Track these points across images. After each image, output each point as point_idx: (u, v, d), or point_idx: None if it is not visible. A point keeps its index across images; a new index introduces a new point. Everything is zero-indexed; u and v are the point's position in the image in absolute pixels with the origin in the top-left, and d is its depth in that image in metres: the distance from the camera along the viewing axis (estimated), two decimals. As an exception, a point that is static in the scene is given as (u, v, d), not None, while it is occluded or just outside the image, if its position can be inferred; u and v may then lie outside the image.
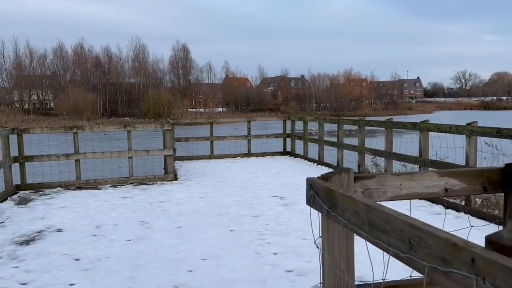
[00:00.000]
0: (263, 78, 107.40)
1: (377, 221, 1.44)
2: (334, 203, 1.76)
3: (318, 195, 1.91)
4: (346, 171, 1.97)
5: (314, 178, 2.05)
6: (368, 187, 2.07)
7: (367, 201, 1.51)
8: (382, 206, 1.46)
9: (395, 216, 1.35)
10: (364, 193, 2.07)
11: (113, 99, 72.20)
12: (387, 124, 7.99)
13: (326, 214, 1.82)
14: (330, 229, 1.92)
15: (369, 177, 2.09)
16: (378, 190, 2.09)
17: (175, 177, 9.43)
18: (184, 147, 13.65)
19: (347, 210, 1.64)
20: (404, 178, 2.11)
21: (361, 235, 1.55)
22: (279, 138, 13.78)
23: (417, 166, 7.30)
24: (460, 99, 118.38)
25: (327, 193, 1.82)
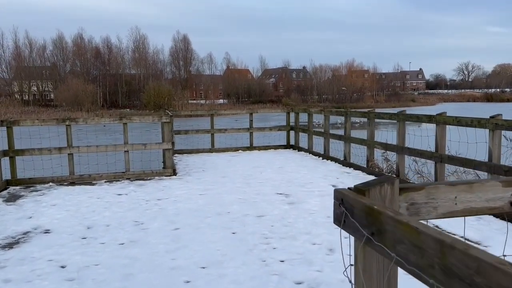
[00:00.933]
0: (264, 70, 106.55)
1: (458, 267, 0.96)
2: (380, 229, 1.28)
3: (353, 214, 1.42)
4: (390, 181, 1.49)
5: (344, 190, 1.56)
6: (415, 201, 1.59)
7: (439, 235, 1.03)
8: (467, 245, 0.96)
9: (495, 265, 0.86)
10: (410, 208, 1.58)
11: (113, 90, 71.64)
12: (400, 116, 7.49)
13: (366, 241, 1.33)
14: (368, 260, 1.44)
15: (416, 188, 1.60)
16: (427, 205, 1.61)
17: (173, 172, 8.96)
18: (184, 140, 13.17)
19: (402, 243, 1.16)
20: (460, 189, 1.62)
21: (426, 281, 1.07)
22: (282, 131, 13.28)
23: (433, 161, 6.81)
24: (463, 91, 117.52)
25: (368, 214, 1.34)
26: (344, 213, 1.46)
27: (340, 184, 7.69)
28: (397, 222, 1.19)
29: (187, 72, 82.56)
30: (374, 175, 8.30)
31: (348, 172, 8.96)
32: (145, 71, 74.98)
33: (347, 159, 9.62)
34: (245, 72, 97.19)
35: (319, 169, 9.33)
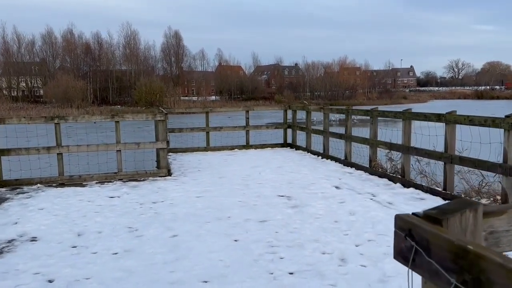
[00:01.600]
0: (256, 66, 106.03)
1: None
2: (480, 279, 0.93)
3: (431, 252, 1.08)
4: (472, 207, 1.14)
5: (410, 216, 1.21)
6: (495, 228, 1.26)
7: None
8: None
9: None
10: (488, 238, 1.25)
11: (104, 86, 70.66)
12: (406, 115, 7.18)
13: (454, 293, 0.98)
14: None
15: (497, 213, 1.26)
16: (509, 234, 1.26)
17: (168, 173, 8.57)
18: (178, 138, 12.76)
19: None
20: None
21: None
22: (279, 128, 12.93)
23: (441, 162, 6.51)
24: (453, 88, 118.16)
25: (458, 256, 0.99)
26: (414, 249, 1.12)
27: (344, 186, 7.38)
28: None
29: (178, 68, 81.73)
30: (377, 176, 8.00)
31: (350, 172, 8.65)
32: (136, 67, 74.02)
33: (348, 159, 9.31)
34: (237, 68, 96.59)
35: (319, 169, 9.01)
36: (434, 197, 6.39)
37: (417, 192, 6.76)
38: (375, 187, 7.28)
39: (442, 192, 6.34)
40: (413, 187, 6.95)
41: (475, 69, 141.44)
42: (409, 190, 6.92)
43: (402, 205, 6.09)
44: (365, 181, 7.79)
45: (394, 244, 1.24)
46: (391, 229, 4.56)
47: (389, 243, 4.54)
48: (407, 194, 6.71)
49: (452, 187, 6.38)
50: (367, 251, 4.35)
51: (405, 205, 6.09)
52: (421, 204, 6.09)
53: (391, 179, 7.58)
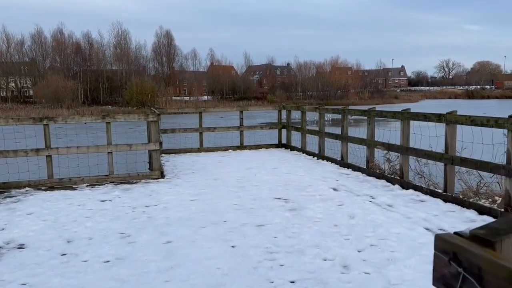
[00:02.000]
0: (248, 66, 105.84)
1: None
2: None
3: (483, 281, 0.91)
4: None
5: (453, 236, 1.04)
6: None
7: None
8: None
9: None
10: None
11: (95, 86, 69.99)
12: (404, 115, 7.05)
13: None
14: None
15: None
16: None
17: (161, 175, 8.36)
18: (171, 139, 12.54)
19: None
20: None
21: None
22: (274, 129, 12.77)
23: (442, 163, 6.39)
24: (444, 88, 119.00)
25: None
26: (462, 276, 0.95)
27: (341, 187, 7.24)
28: None
29: (170, 68, 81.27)
30: (375, 177, 7.87)
31: (346, 173, 8.50)
32: (127, 67, 73.42)
33: (344, 160, 9.18)
34: (229, 68, 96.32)
35: (315, 170, 8.85)
36: (435, 199, 6.26)
37: (417, 194, 6.64)
38: (373, 188, 7.15)
39: (442, 194, 6.22)
40: (413, 189, 6.83)
41: (465, 69, 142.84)
42: (408, 191, 6.79)
43: (402, 207, 5.95)
44: (363, 182, 7.65)
45: (434, 268, 1.07)
46: (392, 233, 4.40)
47: (392, 248, 4.40)
48: (407, 196, 6.57)
49: (453, 189, 6.26)
50: (370, 257, 4.20)
51: (405, 207, 5.95)
52: (422, 206, 5.96)
53: (390, 181, 7.45)
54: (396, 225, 5.15)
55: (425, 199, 6.38)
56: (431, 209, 5.81)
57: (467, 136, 6.89)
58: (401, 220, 5.34)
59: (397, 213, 5.69)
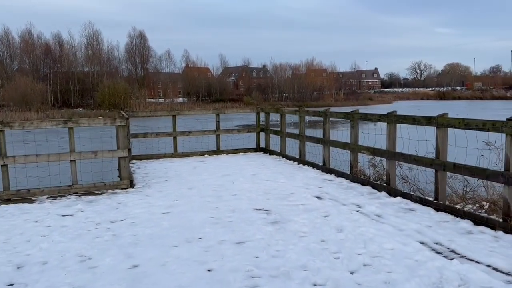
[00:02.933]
0: (224, 68, 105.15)
1: None
2: None
3: None
4: None
5: None
6: None
7: None
8: None
9: None
10: None
11: (65, 89, 67.81)
12: (391, 118, 6.64)
13: None
14: None
15: None
16: None
17: (130, 184, 7.70)
18: (143, 144, 11.84)
19: None
20: None
21: None
22: (252, 132, 12.25)
23: (432, 170, 6.00)
24: (417, 89, 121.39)
25: None
26: None
27: (326, 195, 6.77)
28: None
29: (144, 69, 79.69)
30: (360, 183, 7.44)
31: (329, 179, 8.05)
32: (99, 69, 71.50)
33: (326, 165, 8.73)
34: (205, 70, 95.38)
35: (297, 176, 8.37)
36: (425, 208, 5.86)
37: (406, 202, 6.22)
38: (359, 196, 6.71)
39: (433, 202, 5.82)
40: (401, 196, 6.42)
41: (436, 71, 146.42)
42: (396, 199, 6.38)
43: (392, 217, 5.51)
44: (348, 189, 7.20)
45: None
46: (385, 249, 3.86)
47: (388, 268, 3.94)
48: (395, 205, 6.15)
49: (445, 197, 5.88)
50: (365, 280, 3.71)
51: (395, 217, 5.51)
52: (413, 216, 5.55)
53: (375, 187, 7.03)
54: (389, 239, 4.69)
55: (415, 207, 5.97)
56: (423, 220, 5.40)
57: (455, 139, 6.57)
58: (393, 233, 4.90)
59: (388, 224, 5.25)
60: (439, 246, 4.51)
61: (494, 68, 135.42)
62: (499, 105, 63.96)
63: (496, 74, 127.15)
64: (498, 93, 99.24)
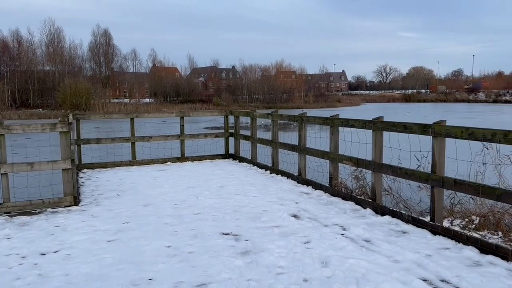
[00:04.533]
0: (193, 69, 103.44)
1: None
2: None
3: None
4: None
5: None
6: None
7: None
8: None
9: None
10: None
11: (24, 88, 64.28)
12: (377, 125, 5.80)
13: None
14: None
15: None
16: None
17: (75, 201, 6.53)
18: (96, 151, 10.59)
19: None
20: None
21: None
22: (220, 137, 11.23)
23: (428, 185, 5.20)
24: (383, 92, 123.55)
25: None
26: None
27: (304, 214, 5.86)
28: None
29: (109, 69, 76.91)
30: (341, 197, 6.59)
31: (307, 192, 7.16)
32: (61, 67, 68.33)
33: (302, 175, 7.84)
34: (172, 70, 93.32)
35: (270, 189, 7.44)
36: (420, 231, 5.05)
37: (396, 222, 5.40)
38: (342, 214, 5.84)
39: (429, 223, 5.01)
40: (389, 215, 5.59)
41: (401, 74, 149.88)
42: (384, 219, 5.54)
43: (385, 244, 4.65)
44: (328, 205, 6.33)
45: None
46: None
47: (392, 322, 3.02)
48: (384, 225, 5.32)
49: (442, 217, 5.08)
50: None
51: (388, 243, 4.66)
52: (408, 242, 4.71)
53: (359, 203, 6.19)
54: (385, 275, 3.82)
55: (407, 229, 5.15)
56: (421, 246, 4.57)
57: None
58: (389, 267, 4.03)
59: (380, 254, 4.38)
60: (447, 286, 3.67)
61: (456, 72, 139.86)
62: (463, 108, 65.58)
63: (458, 78, 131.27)
64: (461, 96, 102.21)
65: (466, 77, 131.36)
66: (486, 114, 46.36)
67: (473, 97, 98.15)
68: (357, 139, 6.78)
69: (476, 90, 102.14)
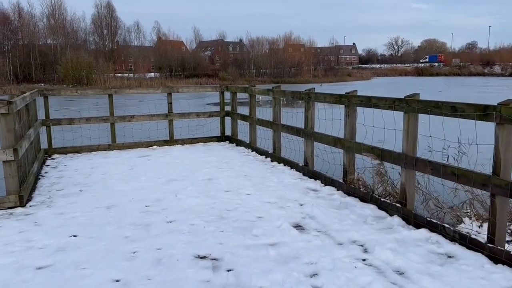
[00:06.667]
0: (199, 42, 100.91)
1: None
2: None
3: None
4: None
5: None
6: None
7: None
8: None
9: None
10: None
11: (26, 62, 62.89)
12: (412, 105, 4.27)
13: None
14: None
15: None
16: None
17: (20, 201, 5.16)
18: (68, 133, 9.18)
19: None
20: None
21: None
22: (215, 117, 9.74)
23: (485, 192, 3.71)
24: (394, 66, 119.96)
25: None
26: None
27: (310, 223, 4.44)
28: None
29: (113, 42, 74.97)
30: (358, 198, 5.14)
31: (314, 189, 5.72)
32: (63, 41, 66.60)
33: (309, 165, 6.38)
34: (178, 44, 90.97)
35: (269, 183, 6.01)
36: (473, 255, 3.60)
37: (436, 239, 3.95)
38: (362, 224, 4.40)
39: (486, 246, 3.55)
40: (426, 227, 4.14)
41: (413, 47, 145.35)
42: (419, 233, 4.09)
43: (425, 278, 3.22)
44: (342, 209, 4.89)
45: None
46: None
47: None
48: (421, 245, 3.87)
49: (504, 239, 3.61)
50: None
51: (429, 277, 3.23)
52: (459, 275, 3.27)
53: (383, 207, 4.74)
54: None
55: (454, 252, 3.70)
56: (479, 284, 3.14)
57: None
58: (440, 329, 2.60)
59: (422, 299, 2.96)
60: None
61: (470, 44, 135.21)
62: (479, 81, 62.95)
63: (472, 51, 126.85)
64: (476, 69, 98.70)
65: (480, 50, 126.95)
66: (503, 88, 44.06)
67: (488, 70, 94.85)
68: (378, 122, 5.26)
69: (491, 63, 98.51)
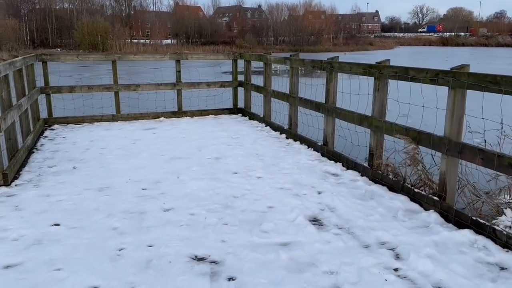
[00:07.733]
0: (217, 8, 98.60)
1: None
2: None
3: None
4: None
5: None
6: None
7: None
8: None
9: None
10: None
11: (43, 27, 62.39)
12: (461, 78, 3.47)
13: None
14: None
15: None
16: None
17: (4, 180, 4.62)
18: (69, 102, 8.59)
19: None
20: None
21: None
22: (227, 87, 9.00)
23: None
24: (419, 35, 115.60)
25: None
26: None
27: (330, 217, 3.77)
28: None
29: (130, 7, 73.59)
30: (387, 187, 4.44)
31: (335, 173, 5.03)
32: (80, 5, 65.66)
33: (329, 145, 5.67)
34: (195, 9, 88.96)
35: (283, 164, 5.34)
36: (535, 269, 2.90)
37: (484, 244, 3.25)
38: (391, 220, 3.72)
39: (554, 259, 2.84)
40: (470, 227, 3.43)
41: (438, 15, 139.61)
42: (463, 234, 3.40)
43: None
44: (367, 200, 4.20)
45: None
46: None
47: None
48: (467, 252, 3.18)
49: None
50: None
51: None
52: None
53: (417, 199, 4.04)
54: None
55: (508, 262, 3.01)
56: None
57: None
58: None
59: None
60: None
61: (499, 14, 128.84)
62: (509, 53, 59.97)
63: (501, 20, 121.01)
64: (504, 40, 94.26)
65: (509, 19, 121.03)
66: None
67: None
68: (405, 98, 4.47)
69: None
